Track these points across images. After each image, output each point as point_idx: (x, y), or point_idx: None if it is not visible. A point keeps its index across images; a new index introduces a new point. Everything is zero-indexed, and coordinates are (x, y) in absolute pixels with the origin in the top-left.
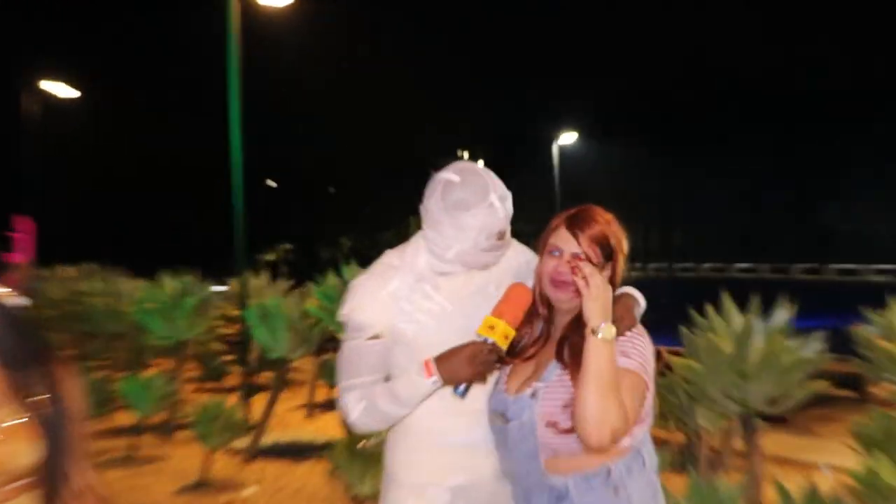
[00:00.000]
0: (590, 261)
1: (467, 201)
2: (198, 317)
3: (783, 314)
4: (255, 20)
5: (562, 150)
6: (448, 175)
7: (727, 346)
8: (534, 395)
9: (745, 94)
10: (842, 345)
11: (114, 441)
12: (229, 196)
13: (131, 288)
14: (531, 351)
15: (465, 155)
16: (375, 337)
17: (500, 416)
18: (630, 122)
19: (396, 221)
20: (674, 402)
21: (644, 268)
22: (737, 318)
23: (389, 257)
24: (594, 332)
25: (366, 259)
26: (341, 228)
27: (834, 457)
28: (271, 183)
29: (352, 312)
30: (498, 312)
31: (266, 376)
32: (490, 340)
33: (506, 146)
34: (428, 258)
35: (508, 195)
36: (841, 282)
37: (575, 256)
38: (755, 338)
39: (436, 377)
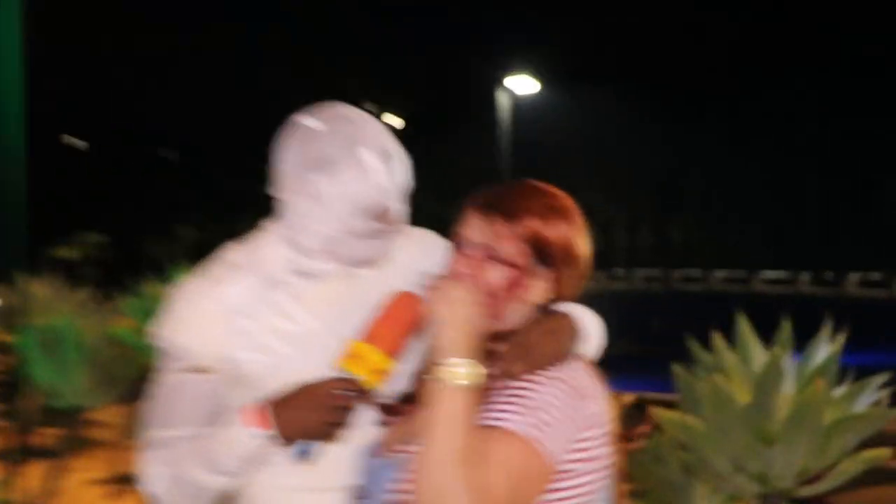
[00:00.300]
0: (507, 263)
1: (329, 159)
2: None
3: (828, 347)
4: None
5: (517, 103)
6: (307, 121)
7: (743, 394)
8: (395, 465)
9: (787, 31)
10: None
11: None
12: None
13: None
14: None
15: (378, 111)
16: (202, 371)
17: (358, 490)
18: (614, 66)
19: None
20: (662, 477)
21: (629, 276)
22: (758, 353)
23: (232, 253)
24: (435, 371)
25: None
26: (184, 213)
27: None
28: (75, 142)
29: (169, 334)
30: (368, 335)
31: (51, 434)
32: (352, 377)
33: (435, 99)
34: (286, 252)
35: (400, 155)
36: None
37: (475, 252)
38: (785, 383)
39: (257, 428)
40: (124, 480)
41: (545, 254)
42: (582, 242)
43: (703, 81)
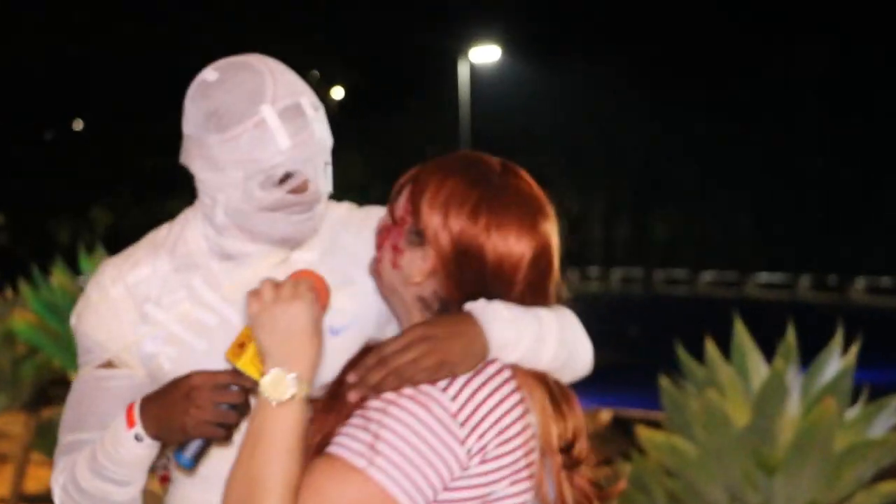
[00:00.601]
0: (389, 212)
1: (224, 114)
2: None
3: (839, 362)
4: None
5: (475, 72)
6: (207, 74)
7: (741, 414)
8: None
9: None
10: None
11: None
12: None
13: None
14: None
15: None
16: (109, 365)
17: None
18: (588, 32)
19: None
20: None
21: (605, 276)
22: (758, 367)
23: (155, 233)
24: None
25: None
26: (97, 191)
27: None
28: None
29: (77, 322)
30: None
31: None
32: (236, 368)
33: (386, 66)
34: (206, 231)
35: (310, 108)
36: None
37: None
38: (789, 402)
39: (138, 428)
40: (28, 501)
41: (422, 228)
42: (500, 238)
43: (691, 50)
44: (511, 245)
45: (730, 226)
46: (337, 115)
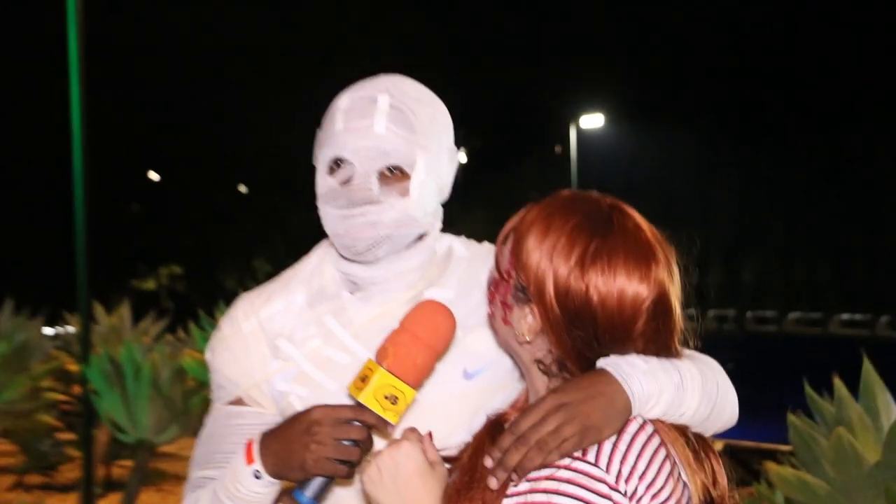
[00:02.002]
0: (497, 265)
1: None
2: (11, 373)
3: None
4: None
5: (582, 135)
6: None
7: (871, 451)
8: None
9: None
10: None
11: None
12: (83, 194)
13: None
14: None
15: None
16: (239, 402)
17: None
18: (689, 102)
19: None
20: None
21: (700, 317)
22: (888, 405)
23: (291, 269)
24: None
25: None
26: (258, 245)
27: None
28: (153, 176)
29: (210, 357)
30: (380, 350)
31: (124, 466)
32: (360, 403)
33: (507, 131)
34: (333, 255)
35: (386, 107)
36: None
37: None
38: None
39: (257, 464)
40: None
41: (526, 282)
42: (614, 287)
43: (777, 112)
44: (624, 294)
45: (812, 269)
46: (460, 177)
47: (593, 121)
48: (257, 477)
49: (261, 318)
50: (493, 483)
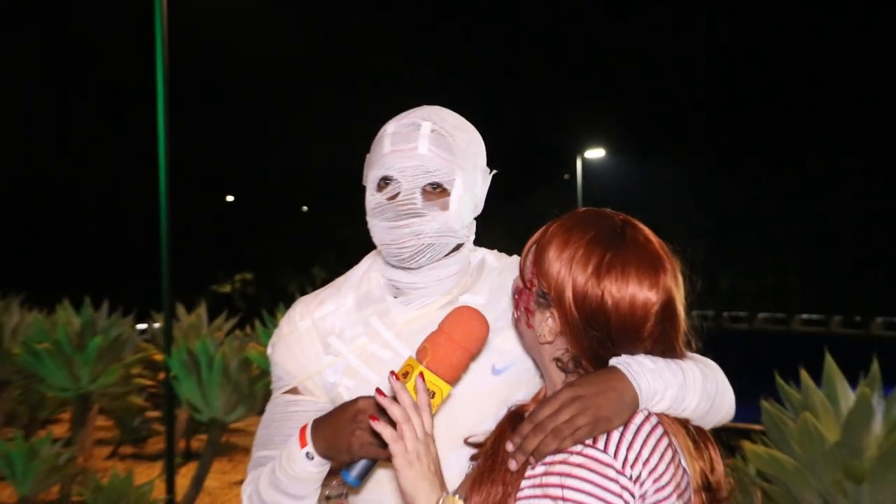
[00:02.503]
0: (521, 274)
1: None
2: (108, 362)
3: None
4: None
5: (587, 165)
6: None
7: (832, 432)
8: None
9: (827, 105)
10: None
11: None
12: (167, 215)
13: (23, 323)
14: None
15: None
16: (294, 391)
17: None
18: (670, 134)
19: None
20: None
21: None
22: (846, 392)
23: (341, 277)
24: None
25: None
26: (315, 255)
27: None
28: (229, 198)
29: (271, 352)
30: (420, 349)
31: (200, 440)
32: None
33: (525, 161)
34: (380, 263)
35: (427, 131)
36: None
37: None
38: (874, 422)
39: (309, 447)
40: None
41: (547, 289)
42: (626, 293)
43: (753, 145)
44: (635, 300)
45: (778, 277)
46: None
47: (596, 153)
48: (309, 458)
49: (315, 319)
50: (512, 465)
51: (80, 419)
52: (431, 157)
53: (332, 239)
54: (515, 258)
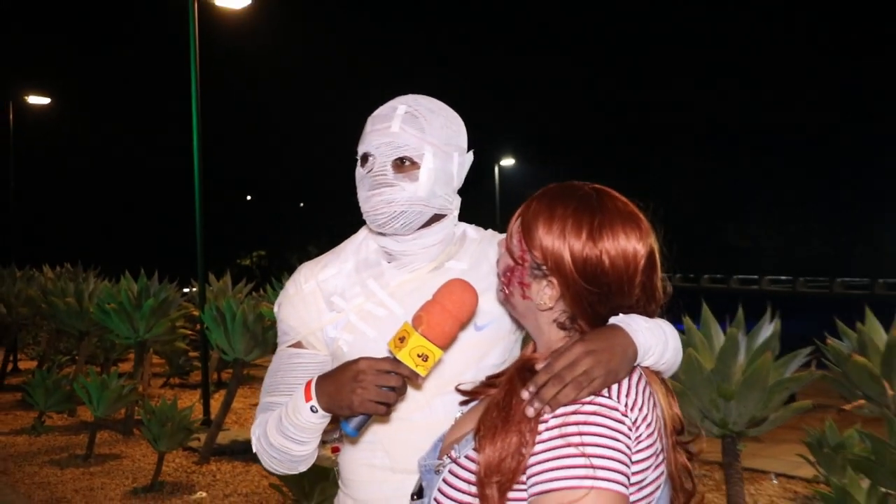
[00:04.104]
0: (510, 253)
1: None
2: (159, 317)
3: (770, 328)
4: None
5: (503, 172)
6: None
7: (708, 362)
8: (438, 470)
9: (656, 125)
10: None
11: (74, 438)
12: (200, 207)
13: (97, 289)
14: (489, 387)
15: None
16: (298, 345)
17: (418, 485)
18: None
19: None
20: None
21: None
22: (718, 332)
23: (339, 245)
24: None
25: None
26: (310, 237)
27: (783, 465)
28: (248, 196)
29: (277, 309)
30: (416, 317)
31: (227, 373)
32: (395, 358)
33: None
34: (376, 235)
35: (401, 113)
36: (742, 290)
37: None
38: (739, 355)
39: (314, 401)
40: None
41: (544, 260)
42: (618, 254)
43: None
44: (627, 255)
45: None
46: None
47: (508, 162)
48: (314, 411)
49: (318, 280)
50: (530, 412)
51: (139, 359)
52: (401, 134)
53: (322, 225)
54: (490, 231)
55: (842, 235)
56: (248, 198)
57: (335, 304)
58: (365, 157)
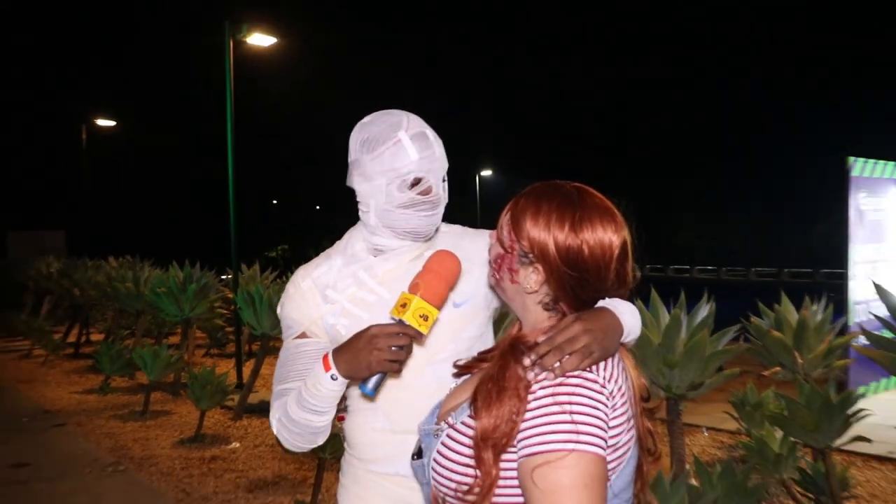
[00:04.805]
0: (500, 242)
1: (373, 140)
2: (200, 299)
3: (706, 309)
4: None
5: (482, 182)
6: (363, 119)
7: (656, 338)
8: (437, 434)
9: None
10: None
11: (133, 397)
12: (234, 209)
13: (151, 276)
14: (480, 362)
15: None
16: (303, 336)
17: (417, 446)
18: (537, 164)
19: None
20: None
21: None
22: (664, 313)
23: (331, 247)
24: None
25: None
26: (324, 234)
27: (712, 420)
28: (274, 201)
29: (280, 309)
30: (412, 286)
31: (256, 345)
32: (401, 320)
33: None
34: (364, 235)
35: (433, 138)
36: (677, 278)
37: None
38: (681, 331)
39: (333, 370)
40: None
41: (530, 248)
42: (596, 244)
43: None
44: (604, 245)
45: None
46: None
47: (487, 173)
48: (333, 379)
49: (313, 278)
50: (531, 376)
51: (185, 334)
52: (441, 158)
53: (332, 224)
54: (458, 226)
55: (756, 233)
56: (274, 202)
57: (329, 297)
58: (416, 181)
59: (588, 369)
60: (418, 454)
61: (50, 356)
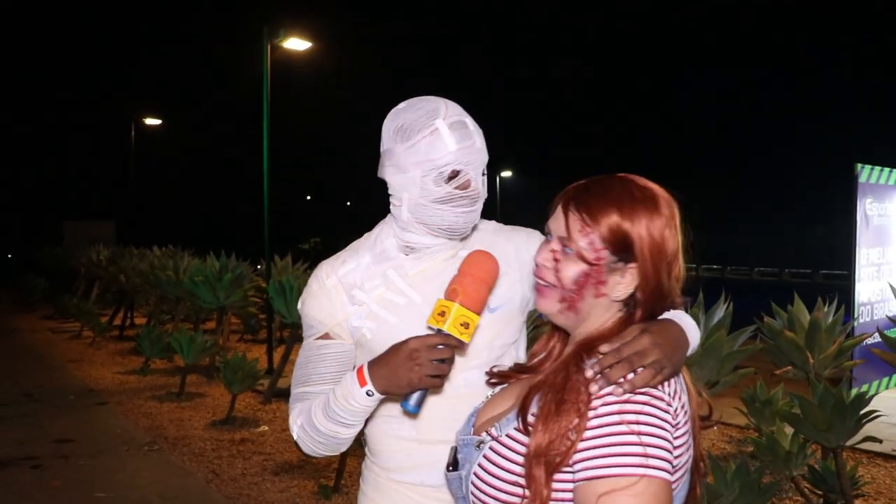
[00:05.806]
0: (581, 257)
1: (408, 128)
2: (235, 287)
3: (722, 310)
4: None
5: (502, 182)
6: (398, 105)
7: None
8: (479, 445)
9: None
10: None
11: (171, 379)
12: (268, 203)
13: (190, 265)
14: (519, 373)
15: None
16: (326, 337)
17: (452, 456)
18: (552, 164)
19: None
20: None
21: None
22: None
23: (357, 241)
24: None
25: None
26: (354, 228)
27: (723, 415)
28: (308, 197)
29: (302, 306)
30: (450, 292)
31: (287, 332)
32: (440, 331)
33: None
34: (394, 231)
35: (473, 127)
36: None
37: (555, 245)
38: (701, 331)
39: (369, 386)
40: None
41: (625, 248)
42: (671, 235)
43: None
44: (674, 240)
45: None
46: None
47: (506, 173)
48: (370, 395)
49: (339, 276)
50: (594, 389)
51: (220, 320)
52: (482, 149)
53: (361, 219)
54: (493, 222)
55: (761, 234)
56: (308, 198)
57: (356, 297)
58: (454, 174)
59: (656, 386)
60: (453, 465)
61: (97, 338)
